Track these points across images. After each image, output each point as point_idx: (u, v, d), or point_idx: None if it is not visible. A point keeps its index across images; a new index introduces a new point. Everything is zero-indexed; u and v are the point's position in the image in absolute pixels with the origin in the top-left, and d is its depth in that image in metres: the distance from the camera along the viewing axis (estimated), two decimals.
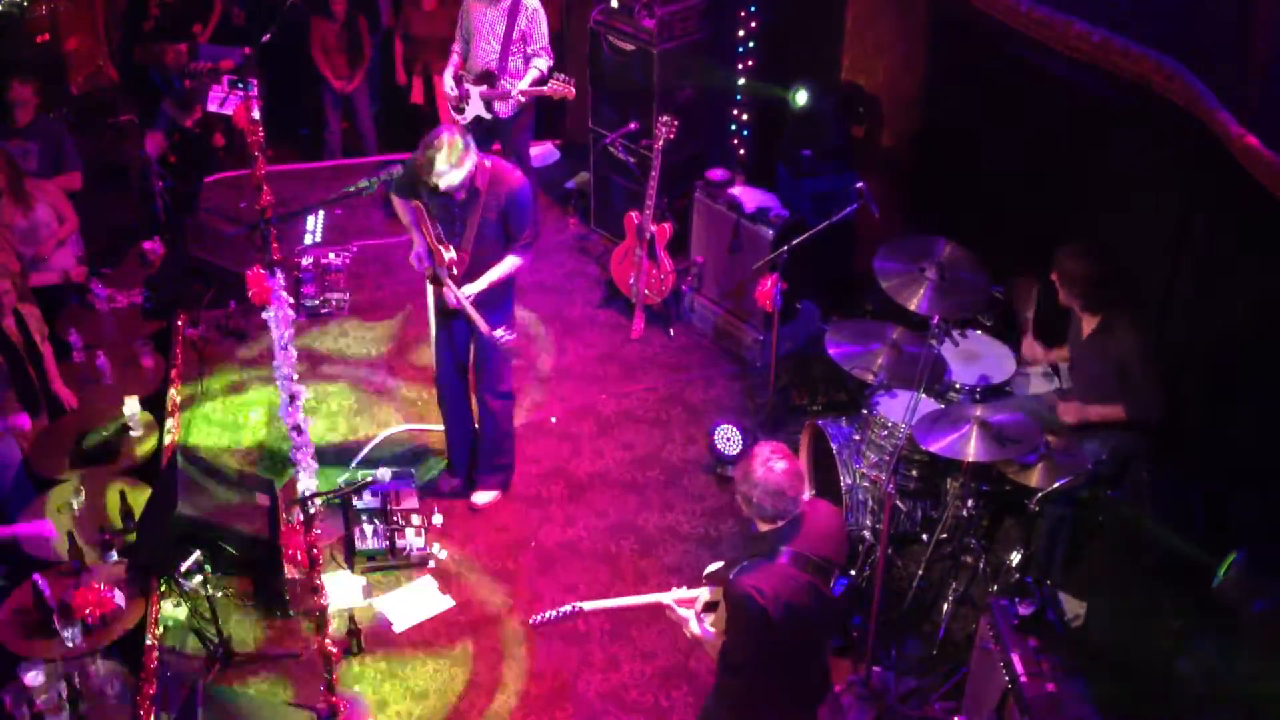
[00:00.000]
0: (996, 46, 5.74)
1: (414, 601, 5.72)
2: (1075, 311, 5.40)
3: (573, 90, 7.25)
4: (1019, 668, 4.42)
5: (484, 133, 7.85)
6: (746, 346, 7.25)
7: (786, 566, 3.81)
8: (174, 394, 6.75)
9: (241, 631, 5.53)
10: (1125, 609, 5.03)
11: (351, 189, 5.45)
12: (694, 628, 4.12)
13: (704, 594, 4.16)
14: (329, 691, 5.03)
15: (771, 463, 3.82)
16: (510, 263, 5.63)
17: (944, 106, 6.92)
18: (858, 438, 5.75)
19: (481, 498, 6.29)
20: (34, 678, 4.83)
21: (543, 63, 7.41)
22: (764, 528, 3.90)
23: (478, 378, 5.99)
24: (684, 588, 4.25)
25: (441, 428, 6.45)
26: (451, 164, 5.26)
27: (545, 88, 7.33)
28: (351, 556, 5.87)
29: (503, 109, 7.59)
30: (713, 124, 7.83)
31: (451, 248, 5.54)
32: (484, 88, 7.47)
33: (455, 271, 5.58)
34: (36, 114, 7.62)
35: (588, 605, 4.29)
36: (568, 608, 4.18)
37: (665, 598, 4.21)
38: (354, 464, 6.48)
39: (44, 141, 7.57)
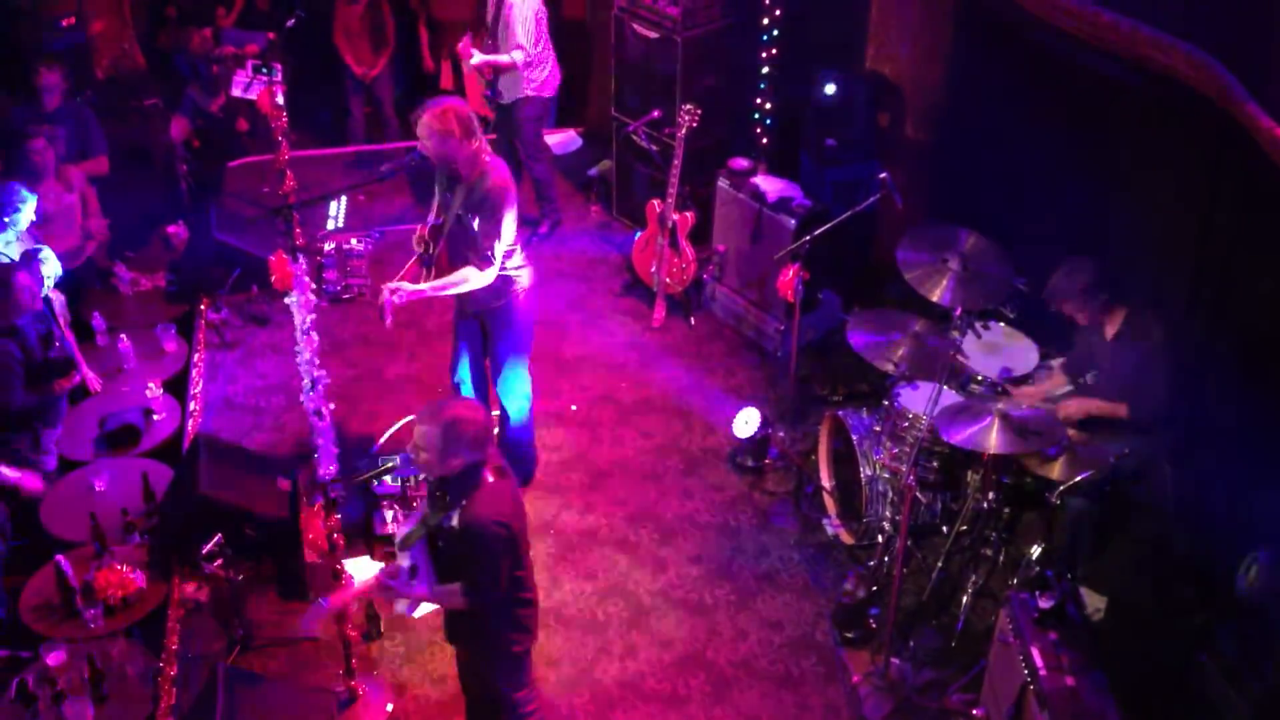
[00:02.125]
0: (1022, 34, 5.69)
1: None
2: (1094, 321, 5.34)
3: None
4: (1038, 661, 4.40)
5: (505, 120, 7.88)
6: (767, 336, 7.23)
7: (497, 482, 4.05)
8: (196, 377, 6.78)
9: (262, 615, 5.56)
10: (1146, 604, 5.00)
11: (375, 175, 5.46)
12: (408, 594, 4.23)
13: (404, 561, 4.23)
14: (348, 675, 5.07)
15: (469, 414, 3.99)
16: (461, 275, 5.44)
17: (969, 95, 6.87)
18: (878, 429, 5.73)
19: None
20: (56, 657, 4.87)
21: (518, 56, 7.42)
22: (457, 471, 4.02)
23: (495, 377, 5.98)
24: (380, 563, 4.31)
25: None
26: (429, 126, 5.25)
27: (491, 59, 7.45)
28: (371, 541, 5.88)
29: (504, 95, 7.63)
30: (736, 112, 7.80)
31: (428, 228, 5.54)
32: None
33: (429, 249, 5.55)
34: (64, 98, 7.66)
35: (333, 600, 4.58)
36: (314, 609, 4.24)
37: (380, 578, 4.28)
38: (374, 449, 6.50)
39: (72, 126, 7.60)
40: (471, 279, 5.46)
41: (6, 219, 6.37)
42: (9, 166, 7.19)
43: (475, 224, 5.41)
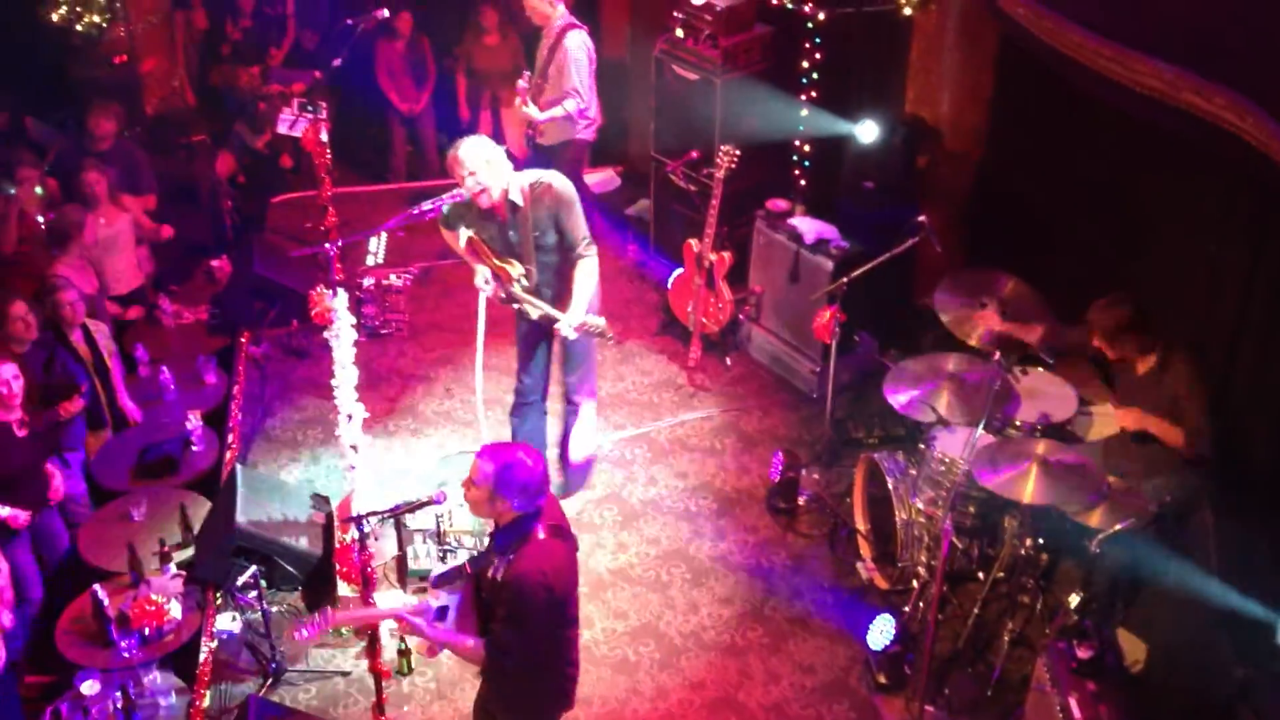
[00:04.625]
0: (1063, 79, 5.68)
1: None
2: (1128, 358, 5.30)
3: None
4: (1076, 712, 4.34)
5: (544, 163, 7.94)
6: (803, 377, 7.21)
7: (549, 540, 3.94)
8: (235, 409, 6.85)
9: (294, 647, 5.57)
10: (1187, 655, 4.92)
11: (415, 211, 5.53)
12: (429, 636, 4.08)
13: (435, 600, 4.16)
14: (379, 710, 5.05)
15: (529, 462, 3.92)
16: (586, 272, 5.68)
17: (1009, 140, 6.87)
18: (914, 472, 5.69)
19: (570, 501, 6.35)
20: (90, 686, 4.90)
21: (570, 104, 7.46)
22: (509, 517, 3.96)
23: (568, 382, 6.08)
24: (415, 598, 4.23)
25: None
26: (472, 156, 5.40)
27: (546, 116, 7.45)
28: (404, 576, 5.89)
29: (547, 136, 7.70)
30: (774, 154, 7.82)
31: (516, 262, 5.65)
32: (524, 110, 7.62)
33: (528, 283, 5.67)
34: (116, 138, 7.81)
35: (339, 615, 4.39)
36: (318, 616, 4.12)
37: (399, 608, 4.19)
38: (409, 484, 6.51)
39: (123, 165, 7.74)
40: (593, 266, 5.69)
41: None
42: (65, 196, 7.34)
43: (561, 229, 5.59)
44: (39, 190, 7.21)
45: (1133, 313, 5.15)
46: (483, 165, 5.45)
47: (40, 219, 7.08)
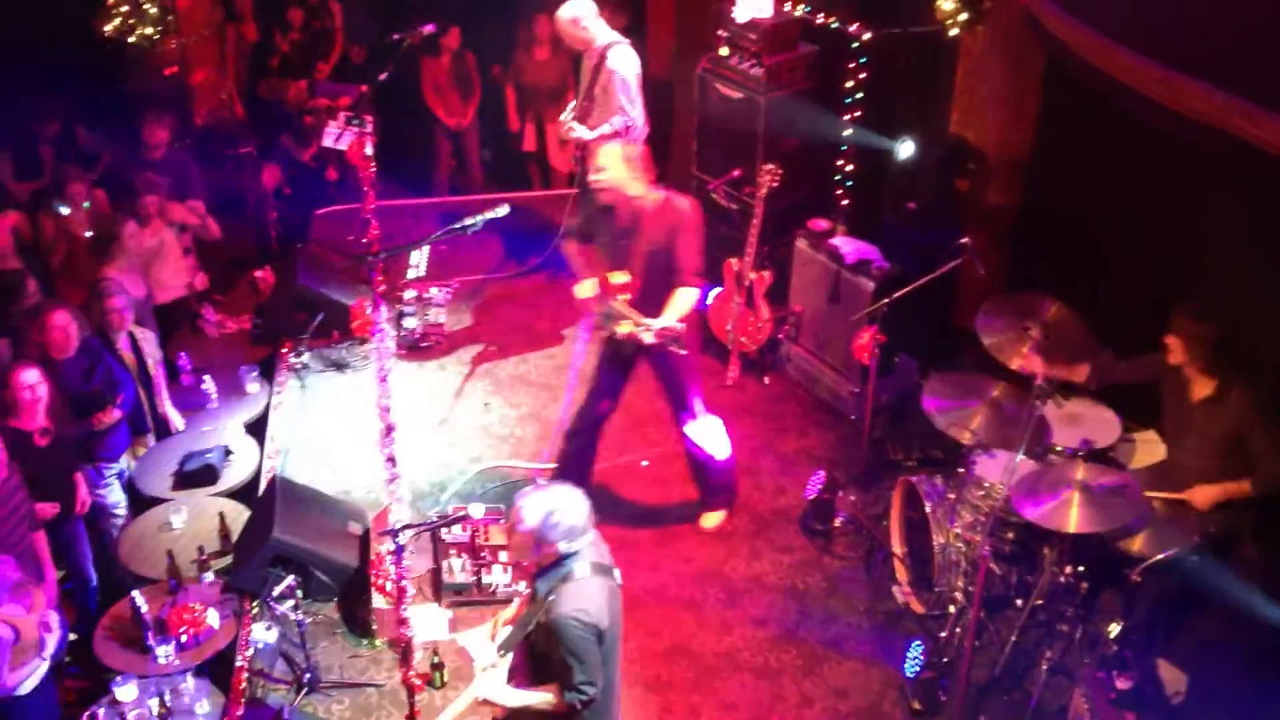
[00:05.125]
0: (1112, 102, 5.63)
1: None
2: (1184, 373, 5.22)
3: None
4: None
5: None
6: (841, 398, 7.17)
7: (590, 579, 3.95)
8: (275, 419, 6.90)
9: (328, 658, 5.60)
10: (1229, 687, 4.84)
11: (457, 225, 5.56)
12: (511, 700, 4.08)
13: (505, 663, 4.13)
14: None
15: (573, 504, 3.93)
16: (686, 297, 5.70)
17: (1055, 162, 6.81)
18: (953, 497, 5.63)
19: (709, 520, 6.37)
20: (127, 692, 4.94)
21: (618, 121, 7.47)
22: (550, 560, 3.96)
23: (674, 409, 6.10)
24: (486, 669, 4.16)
25: (531, 464, 6.50)
26: (608, 158, 5.50)
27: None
28: (439, 590, 5.91)
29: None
30: (817, 173, 7.81)
31: (622, 272, 5.70)
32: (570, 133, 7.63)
33: (629, 296, 5.71)
34: (167, 149, 7.91)
35: None
36: None
37: (481, 690, 4.12)
38: (445, 497, 6.54)
39: (174, 174, 7.84)
40: (695, 294, 5.72)
41: None
42: (114, 208, 7.45)
43: (674, 251, 5.62)
44: (85, 205, 7.31)
45: (1218, 330, 5.06)
46: (620, 163, 5.52)
47: (88, 233, 7.17)
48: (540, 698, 4.04)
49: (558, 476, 6.35)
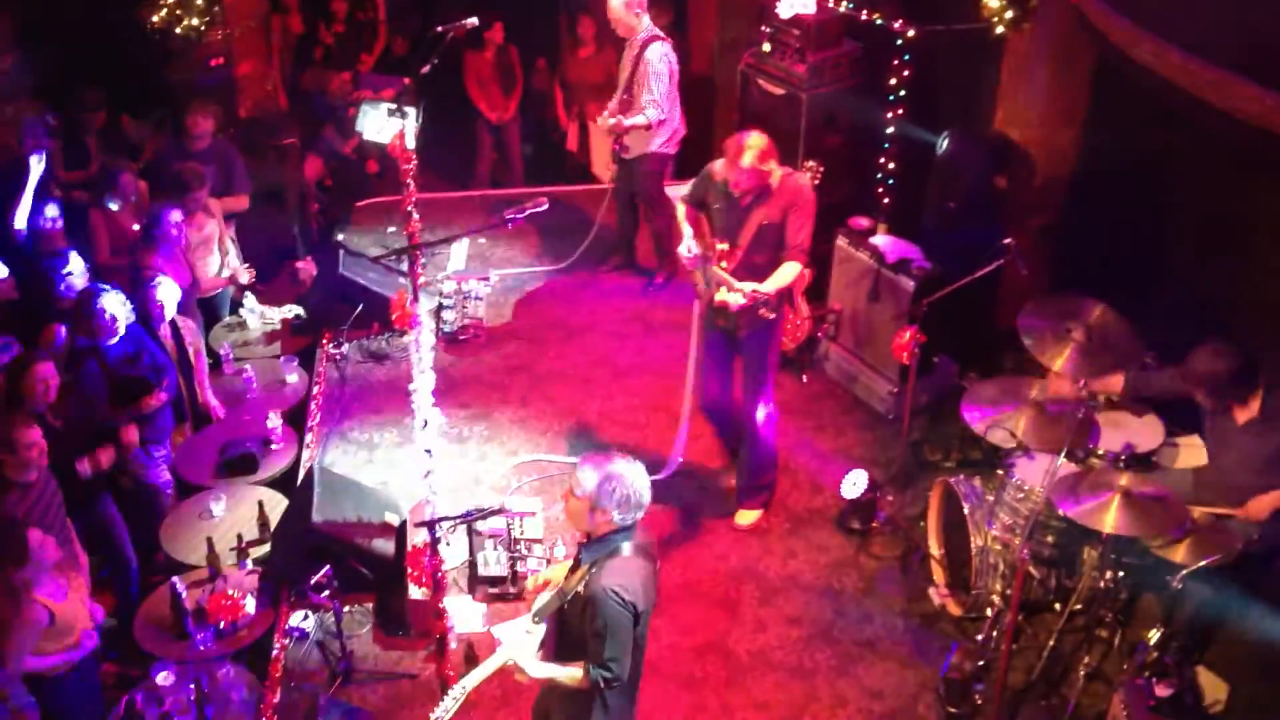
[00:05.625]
0: (1162, 102, 5.56)
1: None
2: (1219, 406, 5.15)
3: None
4: None
5: (627, 173, 7.98)
6: (880, 398, 7.13)
7: (633, 558, 3.93)
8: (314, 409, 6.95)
9: (363, 648, 5.63)
10: (1270, 696, 4.77)
11: (498, 218, 5.57)
12: (538, 671, 4.05)
13: (538, 633, 4.10)
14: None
15: (631, 473, 3.90)
16: (789, 270, 5.69)
17: (1102, 163, 6.73)
18: (991, 499, 5.58)
19: (745, 518, 6.36)
20: (165, 678, 5.00)
21: (652, 113, 7.46)
22: (602, 531, 3.94)
23: (744, 396, 6.08)
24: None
25: (566, 459, 6.51)
26: (751, 152, 5.47)
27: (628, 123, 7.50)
28: (474, 582, 5.92)
29: (630, 149, 7.72)
30: (858, 170, 7.76)
31: (726, 241, 5.71)
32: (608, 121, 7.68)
33: (726, 265, 5.72)
34: (212, 139, 7.99)
35: (468, 682, 4.21)
36: (457, 690, 4.09)
37: (511, 654, 4.09)
38: (481, 490, 6.56)
39: (219, 164, 7.91)
40: (799, 269, 5.69)
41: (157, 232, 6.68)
42: (158, 195, 7.51)
43: (786, 226, 5.63)
44: (133, 198, 7.39)
45: (1240, 364, 4.98)
46: (745, 156, 5.51)
47: (135, 225, 7.24)
48: (566, 673, 4.03)
49: (732, 452, 6.53)
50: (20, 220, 7.09)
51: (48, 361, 5.55)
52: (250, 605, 5.40)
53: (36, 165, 7.35)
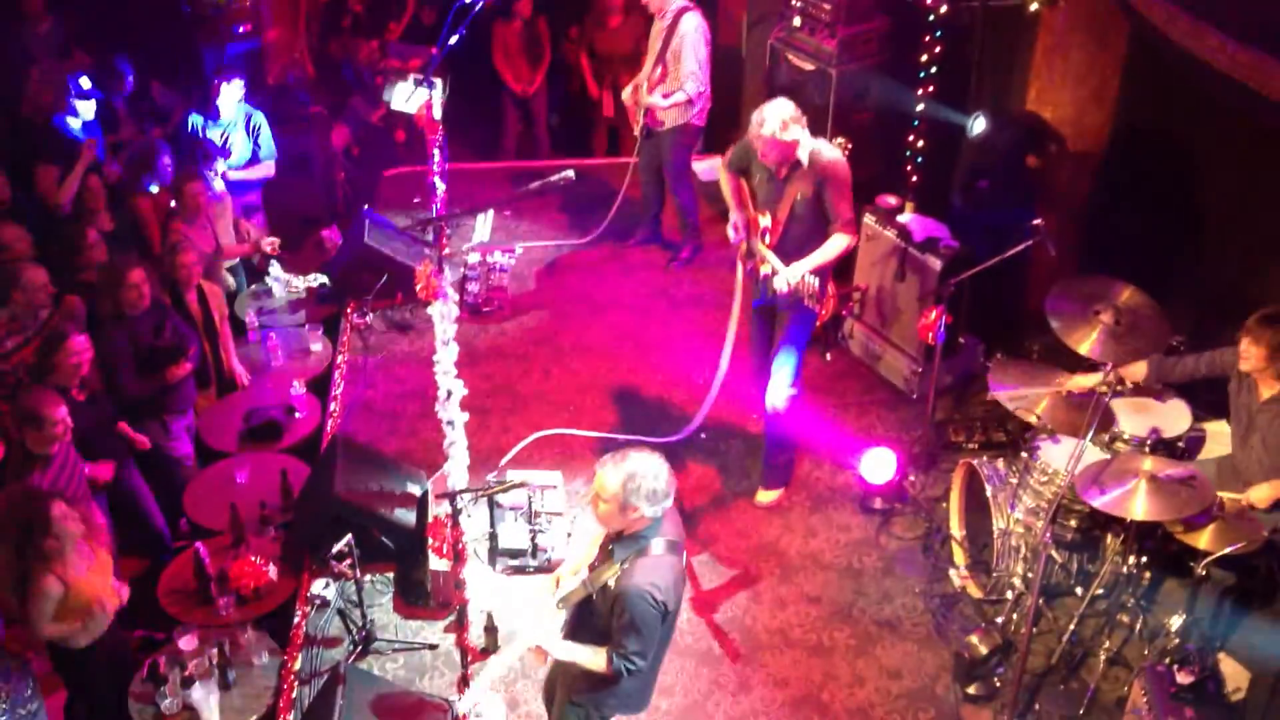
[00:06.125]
0: (1197, 84, 5.48)
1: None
2: (1252, 375, 5.10)
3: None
4: None
5: (654, 146, 7.93)
6: (904, 377, 7.09)
7: (664, 555, 3.94)
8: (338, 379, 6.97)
9: (384, 617, 5.66)
10: None
11: (525, 193, 5.56)
12: (562, 652, 4.10)
13: (563, 617, 4.12)
14: (464, 685, 5.11)
15: (652, 466, 3.90)
16: (836, 243, 5.66)
17: (1135, 144, 6.64)
18: (1015, 481, 5.56)
19: (765, 497, 6.36)
20: (188, 642, 5.04)
21: (691, 87, 7.41)
22: (636, 528, 3.94)
23: (771, 372, 6.06)
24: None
25: (589, 433, 6.51)
26: (771, 120, 5.42)
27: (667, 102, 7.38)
28: (494, 554, 5.95)
29: (663, 123, 7.69)
30: (887, 148, 7.70)
31: (767, 214, 5.71)
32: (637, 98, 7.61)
33: (768, 240, 5.72)
34: (238, 107, 7.99)
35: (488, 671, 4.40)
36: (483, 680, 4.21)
37: (535, 638, 4.11)
38: (502, 462, 6.57)
39: (245, 132, 7.90)
40: (846, 243, 5.65)
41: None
42: (181, 164, 7.54)
43: (822, 199, 5.59)
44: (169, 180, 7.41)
45: None
46: (766, 123, 5.48)
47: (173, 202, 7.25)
48: (590, 657, 4.06)
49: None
50: (66, 195, 7.10)
51: (82, 334, 5.57)
52: (272, 572, 5.43)
53: (85, 108, 7.39)
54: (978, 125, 7.00)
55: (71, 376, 5.45)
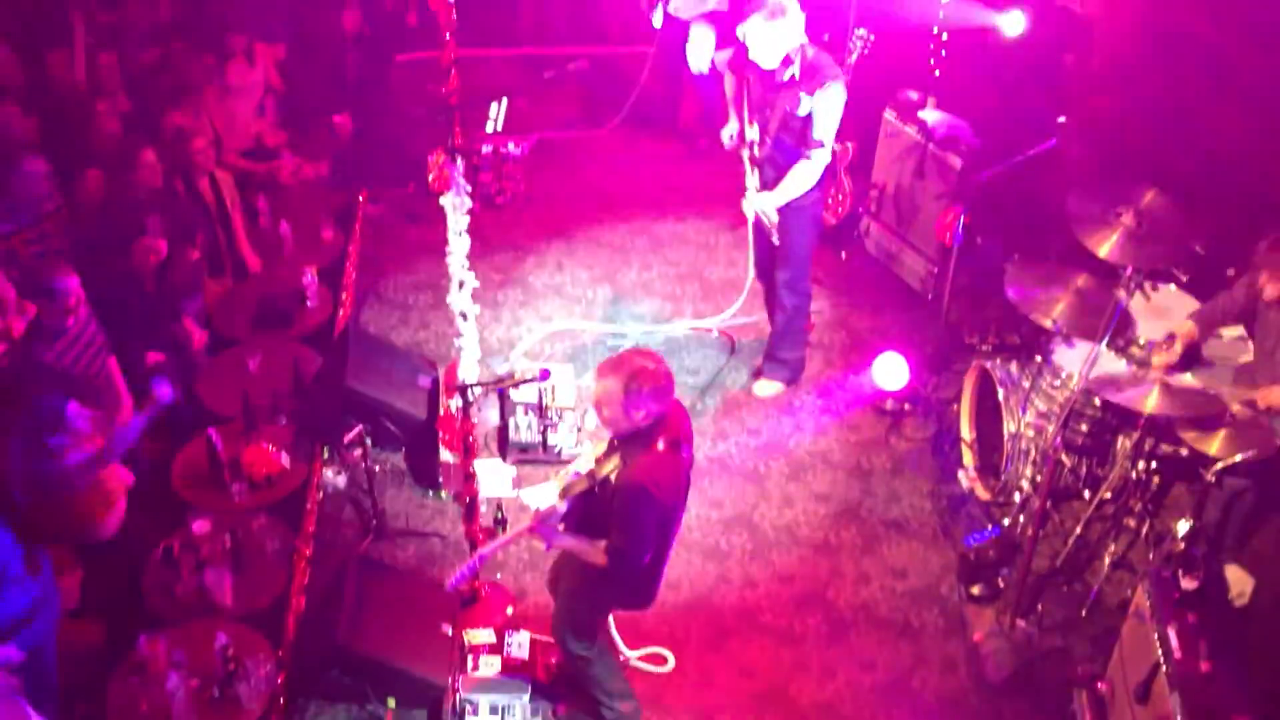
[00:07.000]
0: None
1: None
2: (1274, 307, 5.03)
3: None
4: (1174, 642, 4.23)
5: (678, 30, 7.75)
6: (920, 277, 7.02)
7: (666, 453, 3.94)
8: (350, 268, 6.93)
9: (395, 506, 5.71)
10: None
11: (542, 80, 5.47)
12: (558, 542, 4.16)
13: (561, 507, 4.13)
14: (472, 575, 5.16)
15: (649, 365, 3.90)
16: (801, 170, 5.57)
17: (1164, 44, 6.45)
18: (1027, 384, 5.53)
19: (764, 389, 6.38)
20: (201, 527, 5.08)
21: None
22: (640, 426, 3.94)
23: (784, 272, 6.03)
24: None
25: (601, 326, 6.50)
26: (766, 22, 5.27)
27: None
28: (505, 446, 5.97)
29: (681, 10, 7.55)
30: (911, 42, 7.50)
31: (756, 125, 5.60)
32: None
33: (755, 152, 5.64)
34: None
35: (486, 551, 4.36)
36: (468, 563, 4.20)
37: (526, 524, 4.18)
38: (514, 354, 6.56)
39: (254, 13, 7.72)
40: (809, 173, 5.59)
41: None
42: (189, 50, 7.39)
43: (814, 115, 5.48)
44: None
45: None
46: (759, 28, 5.34)
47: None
48: (588, 549, 4.10)
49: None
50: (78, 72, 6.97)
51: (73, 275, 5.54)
52: (285, 459, 5.46)
53: None
54: (1014, 24, 6.78)
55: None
